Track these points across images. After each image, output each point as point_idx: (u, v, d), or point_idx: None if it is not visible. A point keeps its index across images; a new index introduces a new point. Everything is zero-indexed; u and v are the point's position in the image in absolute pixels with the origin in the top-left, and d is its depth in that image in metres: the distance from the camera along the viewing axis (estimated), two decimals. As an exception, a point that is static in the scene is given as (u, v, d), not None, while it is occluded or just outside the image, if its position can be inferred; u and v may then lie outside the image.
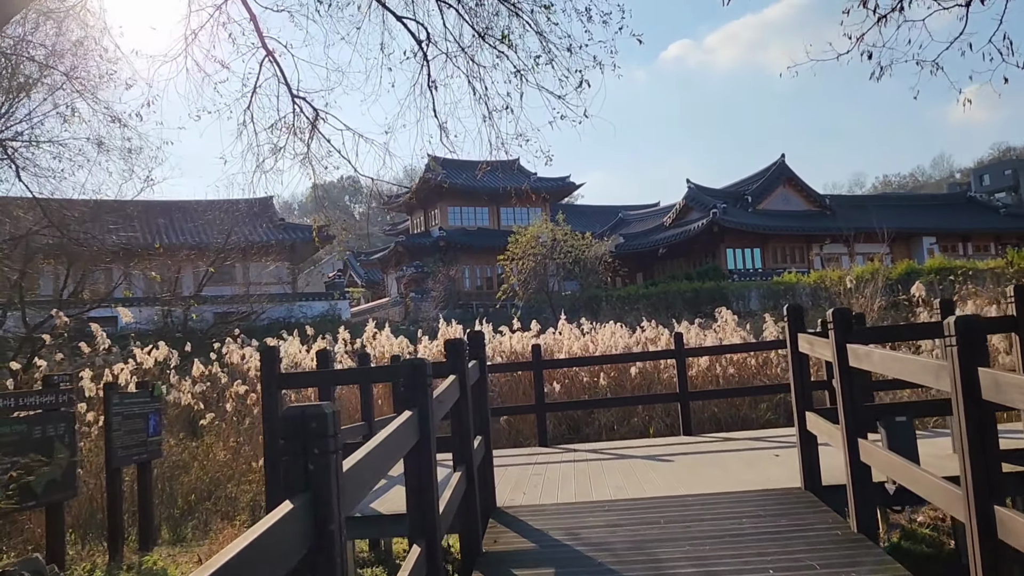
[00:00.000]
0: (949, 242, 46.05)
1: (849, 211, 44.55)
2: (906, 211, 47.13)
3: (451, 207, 47.58)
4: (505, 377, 14.45)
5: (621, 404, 12.17)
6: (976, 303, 19.33)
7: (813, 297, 29.92)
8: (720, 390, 12.15)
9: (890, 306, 23.21)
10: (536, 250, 36.53)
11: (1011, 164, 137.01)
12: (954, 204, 51.14)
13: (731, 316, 17.81)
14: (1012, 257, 22.34)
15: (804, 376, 6.50)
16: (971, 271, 24.71)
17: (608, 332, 17.51)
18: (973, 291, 22.96)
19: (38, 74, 14.31)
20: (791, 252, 44.34)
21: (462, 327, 18.17)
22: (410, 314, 41.07)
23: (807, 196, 46.66)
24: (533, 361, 10.92)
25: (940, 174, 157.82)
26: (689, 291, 34.23)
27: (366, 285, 56.17)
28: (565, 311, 33.56)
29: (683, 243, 43.18)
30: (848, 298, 23.64)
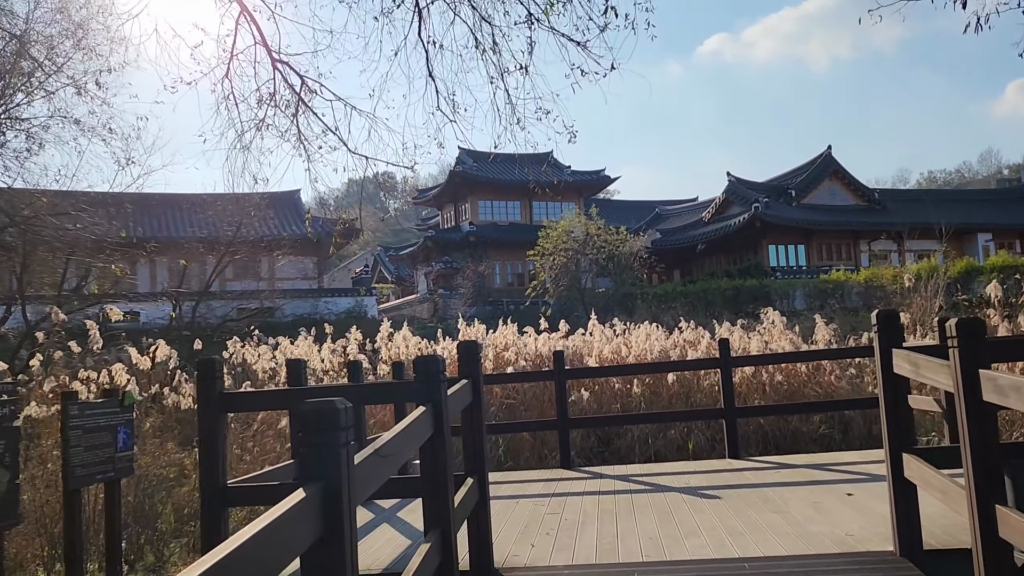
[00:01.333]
0: (1006, 239, 43.55)
1: (899, 206, 42.34)
2: (959, 206, 44.71)
3: (482, 201, 46.24)
4: (531, 384, 13.08)
5: (656, 421, 10.67)
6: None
7: (864, 296, 28.03)
8: (773, 406, 10.58)
9: (950, 307, 21.36)
10: (568, 245, 35.02)
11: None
12: (1011, 199, 48.47)
13: (779, 317, 16.18)
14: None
15: (900, 405, 4.97)
16: (1040, 269, 22.75)
17: (643, 334, 16.01)
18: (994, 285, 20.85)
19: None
20: (837, 249, 42.24)
21: (484, 327, 16.71)
22: (438, 311, 39.84)
23: (854, 190, 44.47)
24: (555, 369, 9.48)
25: (988, 170, 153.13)
26: (729, 289, 32.49)
27: (396, 281, 55.10)
28: (598, 310, 32.07)
29: (723, 239, 41.34)
30: (905, 298, 21.81)
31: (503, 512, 6.73)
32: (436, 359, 4.64)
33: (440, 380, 4.58)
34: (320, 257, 41.79)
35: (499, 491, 7.94)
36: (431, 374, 4.54)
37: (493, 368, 14.01)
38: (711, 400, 12.46)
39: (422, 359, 4.63)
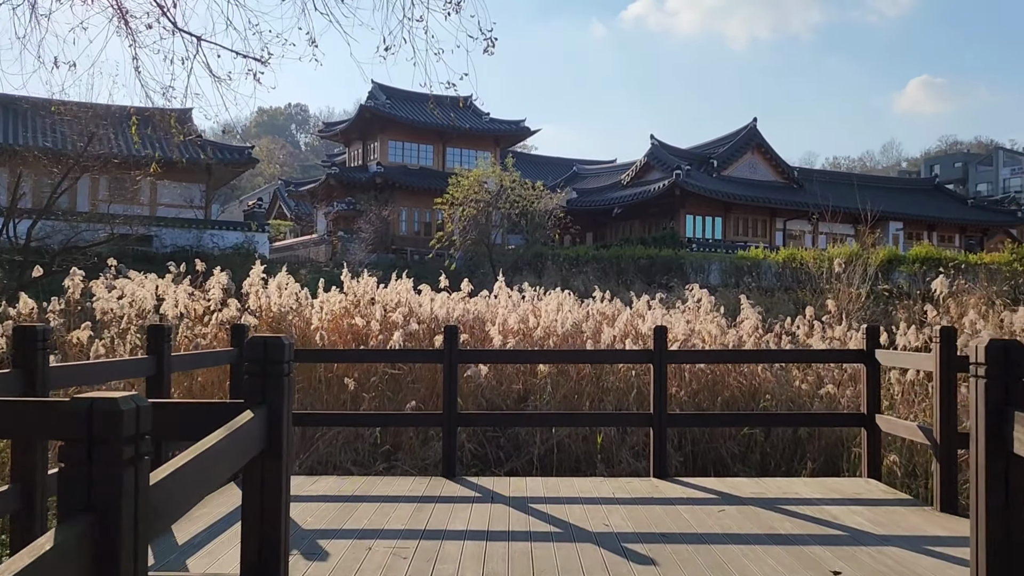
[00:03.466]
0: (915, 229, 43.74)
1: (816, 187, 41.72)
2: (874, 193, 44.39)
3: (392, 141, 43.31)
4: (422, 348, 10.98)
5: (565, 424, 8.74)
6: (977, 307, 16.21)
7: (780, 277, 26.95)
8: (720, 416, 8.79)
9: (869, 297, 20.27)
10: (480, 196, 32.78)
11: (961, 157, 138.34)
12: (921, 190, 48.87)
13: (705, 295, 14.51)
14: (1021, 253, 19.57)
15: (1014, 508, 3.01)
16: (963, 264, 21.98)
17: (554, 302, 14.09)
18: (964, 286, 19.92)
19: None
20: (754, 225, 41.45)
21: (375, 280, 14.38)
22: (336, 255, 37.09)
23: (776, 166, 43.69)
24: (446, 349, 7.35)
25: (888, 160, 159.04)
26: (644, 257, 31.01)
27: (295, 219, 51.72)
28: (506, 267, 30.16)
29: (640, 204, 39.86)
30: (828, 283, 20.66)
31: (346, 568, 4.65)
32: (279, 342, 2.64)
33: (282, 374, 2.78)
34: (210, 185, 38.23)
35: (352, 518, 5.83)
36: (270, 365, 2.76)
37: (379, 331, 11.85)
38: (625, 385, 10.64)
39: (258, 341, 2.58)
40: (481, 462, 10.12)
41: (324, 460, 10.00)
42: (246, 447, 2.55)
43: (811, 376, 12.95)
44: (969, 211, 46.97)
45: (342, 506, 6.16)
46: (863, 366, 7.06)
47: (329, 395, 10.86)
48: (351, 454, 10.07)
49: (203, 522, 5.53)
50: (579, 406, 11.12)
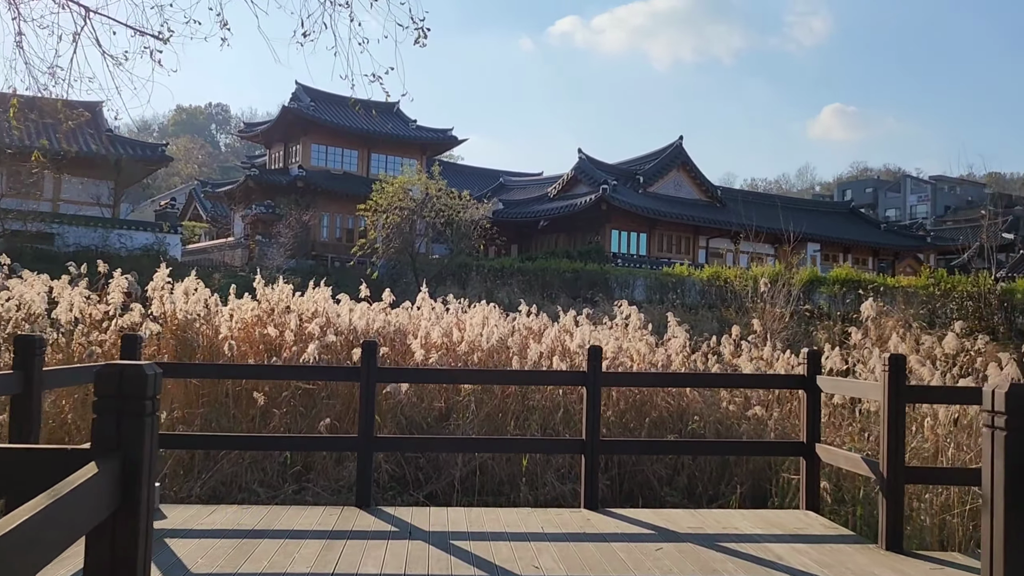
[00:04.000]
0: (832, 251, 44.88)
1: (738, 206, 42.39)
2: (793, 215, 45.50)
3: (316, 144, 42.12)
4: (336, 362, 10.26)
5: (489, 449, 8.20)
6: (896, 329, 16.31)
7: (704, 294, 27.03)
8: (652, 442, 8.35)
9: (793, 317, 20.40)
10: (404, 204, 32.00)
11: (871, 183, 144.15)
12: (838, 214, 50.26)
13: (635, 312, 14.18)
14: (939, 276, 19.98)
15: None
16: (881, 286, 22.37)
17: (479, 316, 13.56)
18: (883, 309, 20.18)
19: None
20: (678, 241, 41.81)
21: (291, 287, 13.55)
22: (253, 259, 35.70)
23: (700, 184, 44.21)
24: (363, 366, 6.71)
25: (803, 184, 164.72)
26: (569, 271, 30.76)
27: (211, 221, 49.81)
28: (430, 277, 29.49)
29: (567, 217, 39.72)
30: (753, 302, 20.73)
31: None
32: (139, 372, 2.01)
33: (143, 413, 2.16)
34: (119, 182, 36.38)
35: (250, 558, 5.13)
36: (128, 402, 2.17)
37: (294, 342, 11.09)
38: (552, 404, 10.18)
39: (111, 371, 1.94)
40: (399, 484, 9.48)
41: (229, 481, 9.19)
42: (83, 516, 1.91)
43: (739, 397, 12.75)
44: (882, 235, 48.53)
45: (240, 544, 5.45)
46: (803, 392, 6.73)
47: (237, 410, 10.06)
48: (258, 474, 9.30)
49: None
50: (503, 425, 10.60)
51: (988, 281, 18.26)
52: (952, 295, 18.76)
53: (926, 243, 50.33)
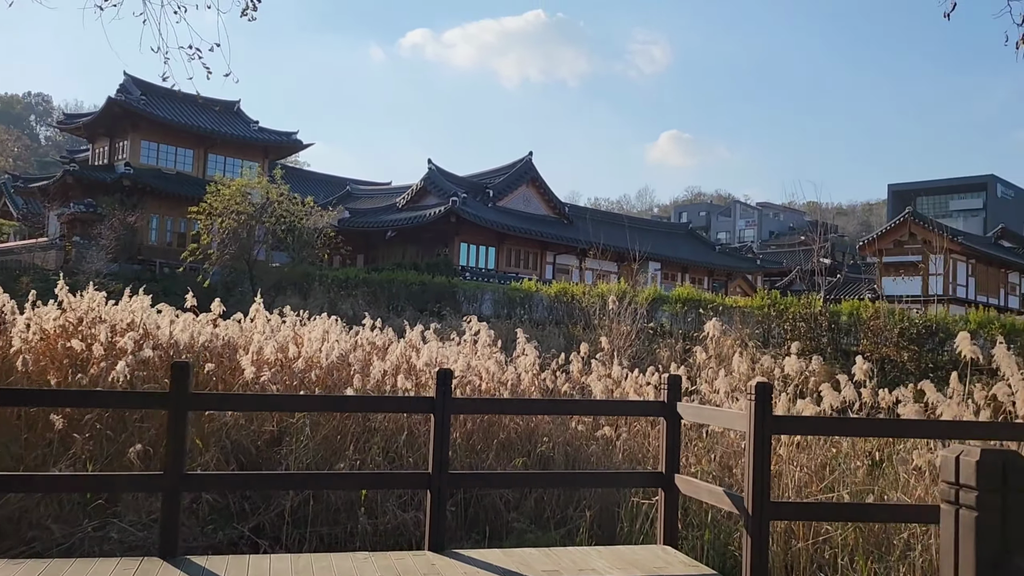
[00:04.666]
0: (671, 270, 46.49)
1: (586, 224, 43.11)
2: (637, 234, 46.82)
3: (146, 141, 39.18)
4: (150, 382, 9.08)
5: (322, 486, 7.35)
6: (734, 348, 16.72)
7: (551, 310, 26.99)
8: (503, 475, 7.73)
9: (639, 336, 20.60)
10: (242, 208, 30.17)
11: (705, 207, 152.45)
12: (677, 235, 52.26)
13: (484, 329, 13.64)
14: (774, 298, 20.75)
15: None
16: (720, 306, 23.02)
17: (319, 330, 12.63)
18: (721, 328, 20.75)
19: None
20: (526, 256, 41.92)
21: (105, 294, 12.07)
22: (70, 262, 32.59)
23: (548, 201, 44.62)
24: (172, 391, 5.71)
25: (643, 205, 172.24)
26: (417, 284, 30.00)
27: (21, 219, 45.30)
28: (269, 286, 27.89)
29: (415, 229, 38.93)
30: (600, 319, 20.75)
31: None
32: None
33: None
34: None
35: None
36: None
37: (103, 357, 9.78)
38: (395, 426, 9.46)
39: None
40: (221, 516, 8.44)
41: (17, 517, 7.85)
42: None
43: (587, 417, 12.47)
44: (717, 256, 50.89)
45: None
46: (663, 420, 6.36)
47: (32, 435, 8.70)
48: (54, 508, 8.01)
49: None
50: (342, 448, 9.76)
51: (818, 303, 19.11)
52: (786, 316, 19.49)
53: (756, 265, 53.20)
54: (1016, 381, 8.92)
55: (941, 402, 9.43)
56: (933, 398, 9.45)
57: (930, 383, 9.61)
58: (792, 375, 11.78)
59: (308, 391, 10.63)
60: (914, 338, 16.89)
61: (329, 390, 11.22)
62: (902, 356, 16.76)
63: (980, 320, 17.45)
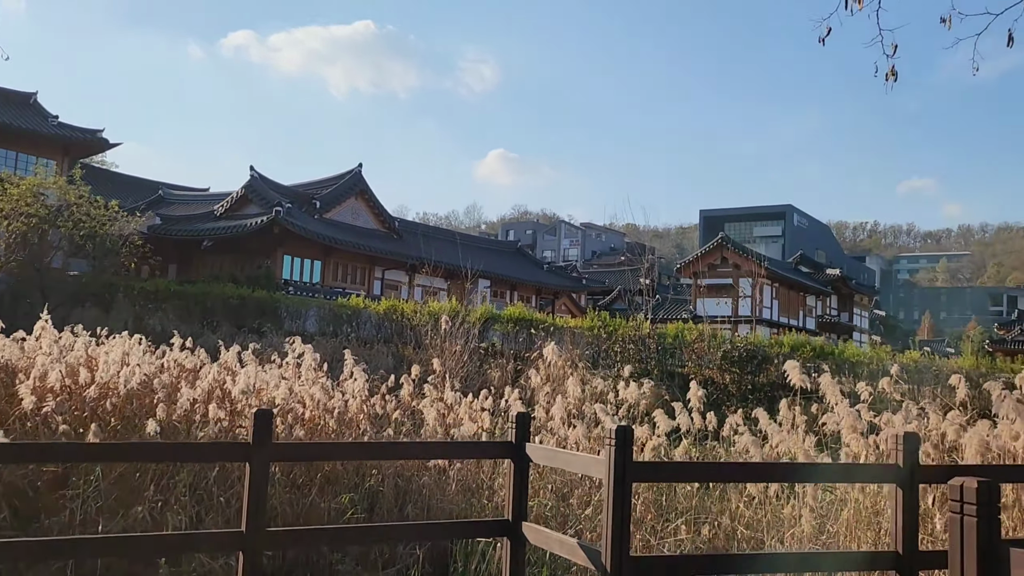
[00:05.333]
0: (500, 288, 46.66)
1: (416, 240, 42.43)
2: (467, 251, 46.73)
3: (-82, 131, 34.60)
4: None
5: (101, 552, 6.20)
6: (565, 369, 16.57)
7: (377, 327, 26.07)
8: (328, 531, 6.88)
9: (472, 357, 20.19)
10: (34, 210, 27.11)
11: (531, 226, 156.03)
12: (506, 252, 52.64)
13: (309, 352, 12.64)
14: (604, 319, 20.93)
15: None
16: (551, 326, 23.04)
17: (119, 350, 11.28)
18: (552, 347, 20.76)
19: None
20: (353, 271, 40.57)
21: None
22: None
23: (378, 214, 43.53)
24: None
25: (471, 222, 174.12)
26: (235, 298, 28.13)
27: None
28: (65, 298, 25.23)
29: (235, 239, 36.68)
30: (431, 339, 20.11)
31: None
32: None
33: None
34: None
35: None
36: None
37: None
38: (204, 462, 8.40)
39: None
40: None
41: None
42: None
43: (422, 447, 11.77)
44: (545, 275, 51.65)
45: None
46: (510, 461, 5.81)
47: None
48: None
49: None
50: (141, 489, 8.61)
51: (646, 326, 19.46)
52: (615, 337, 19.70)
53: (582, 284, 54.53)
54: (842, 409, 9.18)
55: (774, 429, 9.62)
56: (765, 425, 9.59)
57: (763, 410, 9.76)
58: (626, 398, 11.72)
59: (102, 423, 9.30)
60: (735, 361, 17.51)
61: (127, 422, 9.93)
62: (725, 378, 17.32)
63: (793, 344, 18.37)
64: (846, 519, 8.28)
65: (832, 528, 8.37)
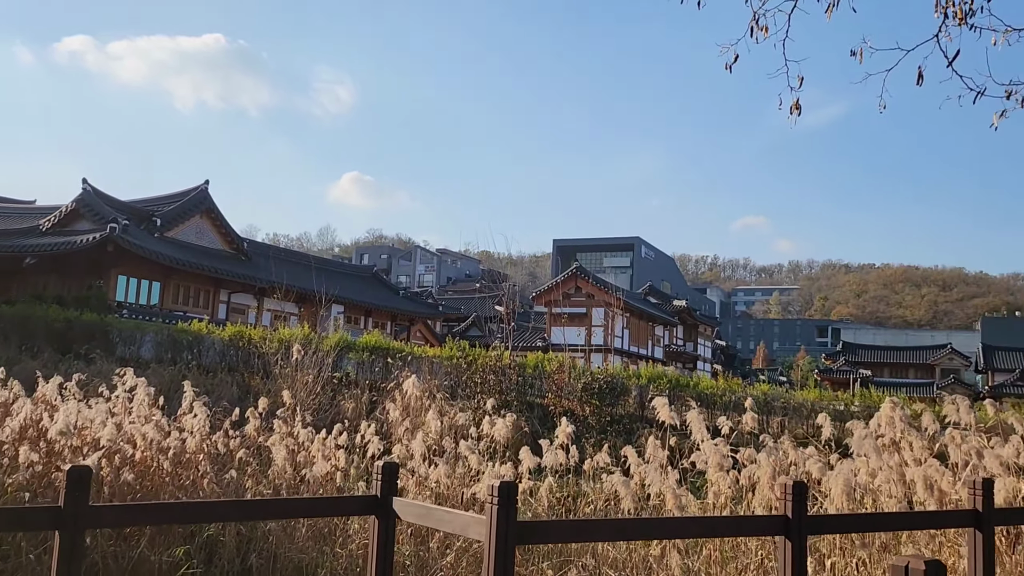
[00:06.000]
0: (355, 314, 45.35)
1: (267, 262, 40.56)
2: (320, 274, 45.13)
3: None
4: None
5: None
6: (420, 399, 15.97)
7: (224, 355, 24.46)
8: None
9: (325, 389, 19.18)
10: None
11: (387, 250, 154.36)
12: (361, 277, 51.35)
13: (143, 386, 11.44)
14: (464, 348, 20.41)
15: None
16: (409, 355, 22.33)
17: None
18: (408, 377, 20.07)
19: None
20: (196, 294, 38.20)
21: None
22: None
23: (224, 234, 41.34)
24: None
25: (324, 244, 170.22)
26: (60, 321, 25.71)
27: None
28: None
29: (63, 256, 33.70)
30: (281, 368, 18.96)
31: None
32: None
33: None
34: None
35: None
36: None
37: None
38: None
39: None
40: None
41: None
42: None
43: (267, 489, 10.88)
44: (401, 301, 50.70)
45: None
46: (375, 519, 5.18)
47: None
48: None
49: None
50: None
51: (506, 356, 19.15)
52: (475, 367, 19.27)
53: (438, 311, 53.96)
54: (708, 447, 9.12)
55: (641, 464, 9.44)
56: (633, 463, 9.39)
57: (632, 448, 9.57)
58: (492, 434, 11.28)
59: None
60: (595, 392, 17.47)
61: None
62: (585, 410, 17.23)
63: (651, 375, 18.59)
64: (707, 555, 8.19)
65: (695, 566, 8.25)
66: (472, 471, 10.09)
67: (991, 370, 73.32)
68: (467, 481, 10.32)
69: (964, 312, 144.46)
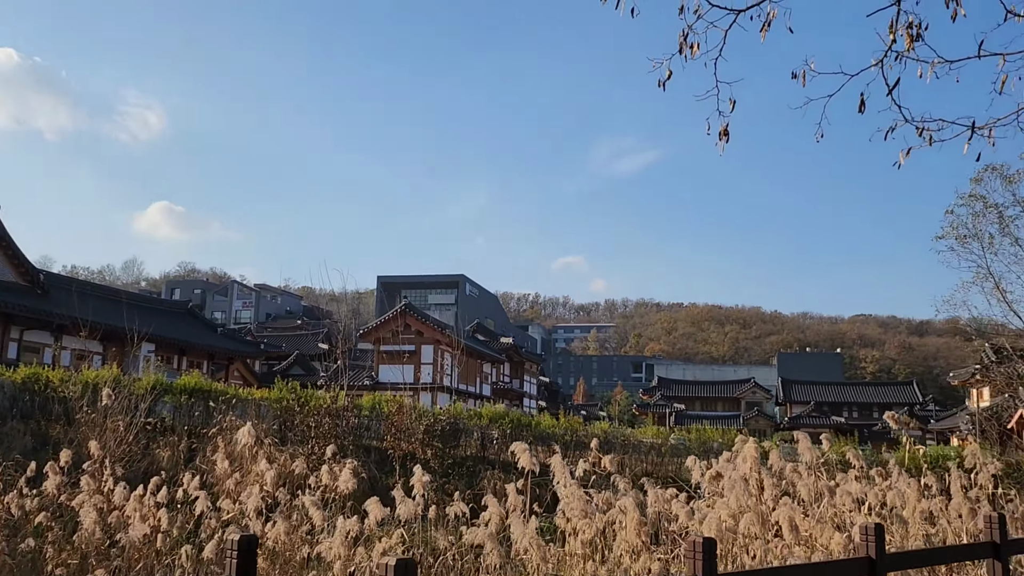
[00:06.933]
0: (167, 352, 42.15)
1: (68, 296, 36.96)
2: (128, 310, 41.66)
3: None
4: None
5: None
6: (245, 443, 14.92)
7: (15, 401, 21.76)
8: None
9: (138, 437, 17.43)
10: None
11: (200, 284, 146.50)
12: (175, 313, 47.97)
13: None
14: (296, 389, 19.17)
15: None
16: (234, 398, 20.77)
17: None
18: (236, 423, 18.72)
19: None
20: (-19, 331, 34.14)
21: None
22: None
23: (17, 265, 37.30)
24: None
25: (130, 278, 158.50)
26: None
27: None
28: None
29: None
30: (86, 414, 17.01)
31: None
32: None
33: None
34: None
35: None
36: None
37: None
38: None
39: None
40: None
41: None
42: None
43: (73, 559, 9.60)
44: (219, 339, 47.73)
45: None
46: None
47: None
48: None
49: None
50: None
51: (342, 397, 18.22)
52: (308, 410, 18.18)
53: (260, 350, 51.32)
54: (570, 492, 8.87)
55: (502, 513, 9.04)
56: (494, 511, 8.97)
57: (493, 497, 9.14)
58: (336, 485, 10.49)
59: None
60: (438, 434, 16.91)
61: None
62: (427, 453, 16.61)
63: (492, 415, 18.28)
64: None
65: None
66: (316, 527, 9.28)
67: (789, 402, 79.45)
68: (309, 539, 9.50)
69: (762, 348, 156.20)
